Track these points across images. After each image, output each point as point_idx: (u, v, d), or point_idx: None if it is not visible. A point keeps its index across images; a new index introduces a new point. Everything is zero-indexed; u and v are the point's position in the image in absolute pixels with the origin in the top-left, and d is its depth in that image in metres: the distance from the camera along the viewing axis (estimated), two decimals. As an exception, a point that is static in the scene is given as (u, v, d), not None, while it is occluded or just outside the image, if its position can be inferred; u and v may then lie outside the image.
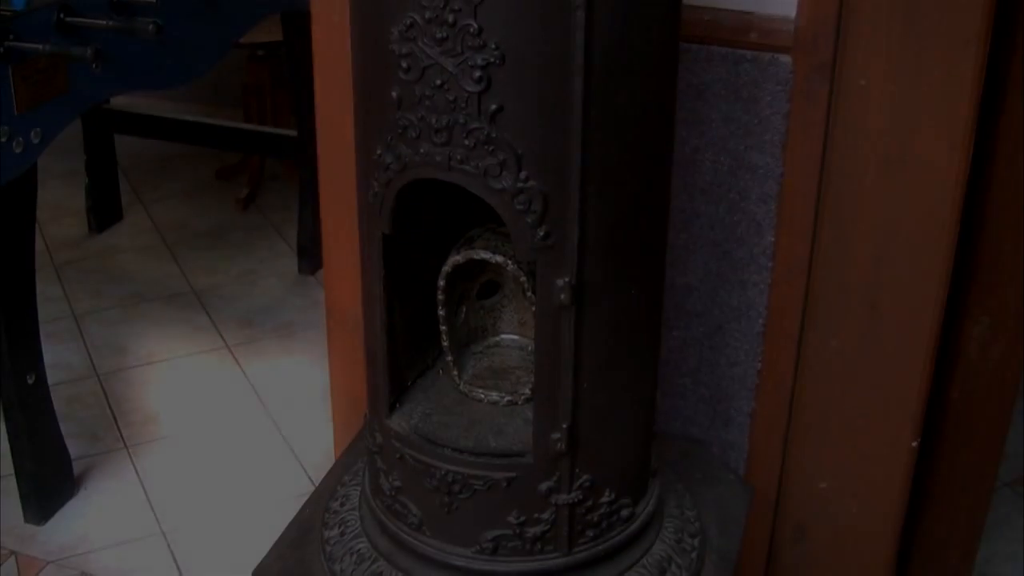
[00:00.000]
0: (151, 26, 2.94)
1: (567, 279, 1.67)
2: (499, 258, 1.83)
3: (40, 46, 2.84)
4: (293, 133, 4.22)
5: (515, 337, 2.11)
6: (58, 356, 3.88)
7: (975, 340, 2.47)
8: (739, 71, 2.22)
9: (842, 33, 2.14)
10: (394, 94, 1.65)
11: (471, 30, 1.56)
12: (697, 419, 2.49)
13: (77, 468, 3.38)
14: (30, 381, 3.14)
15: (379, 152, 1.71)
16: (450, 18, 1.56)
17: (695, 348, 2.43)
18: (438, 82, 1.60)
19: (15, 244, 3.07)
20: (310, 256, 4.26)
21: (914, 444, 2.35)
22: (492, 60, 1.57)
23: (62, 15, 2.95)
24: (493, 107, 1.59)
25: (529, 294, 1.82)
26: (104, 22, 2.99)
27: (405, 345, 1.95)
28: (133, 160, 5.18)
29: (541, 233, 1.65)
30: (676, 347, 2.44)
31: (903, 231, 2.21)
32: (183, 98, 5.12)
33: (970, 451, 2.59)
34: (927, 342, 2.26)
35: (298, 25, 3.94)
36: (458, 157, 1.63)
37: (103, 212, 4.73)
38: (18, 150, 2.88)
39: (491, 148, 1.61)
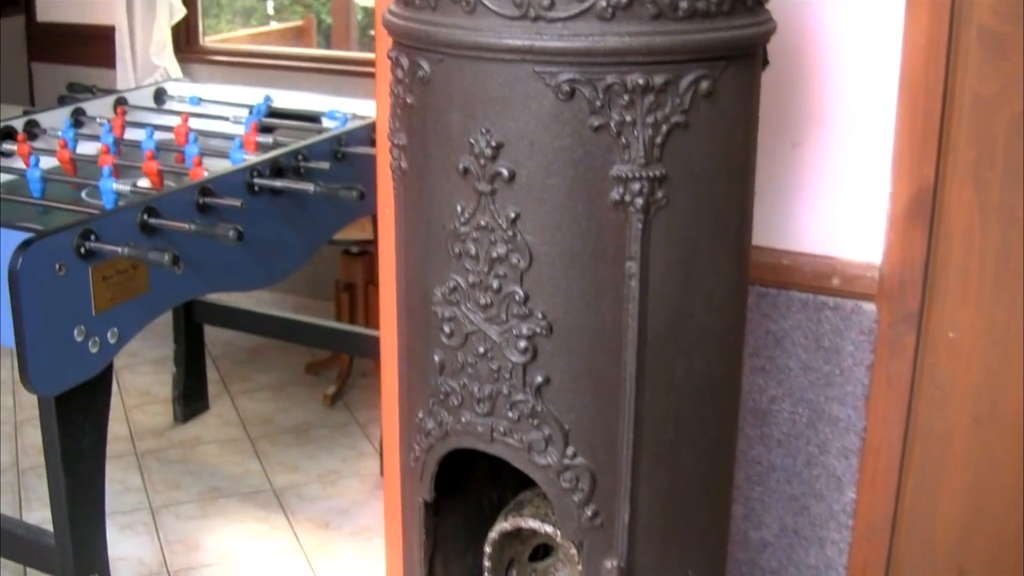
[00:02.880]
0: (232, 232, 2.90)
1: (616, 562, 1.56)
2: (548, 528, 1.72)
3: (120, 249, 2.81)
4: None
5: (571, 600, 2.00)
6: (131, 550, 3.81)
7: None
8: (820, 318, 2.11)
9: (930, 281, 2.04)
10: (436, 358, 1.57)
11: (517, 297, 1.48)
12: None
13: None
14: (93, 582, 3.07)
15: (421, 416, 1.62)
16: (495, 284, 1.49)
17: (770, 606, 2.30)
18: (481, 350, 1.52)
19: (86, 442, 3.02)
20: (396, 458, 4.17)
21: None
22: (539, 330, 1.48)
23: (146, 216, 2.93)
24: (539, 379, 1.50)
25: (580, 567, 1.70)
26: (187, 226, 2.96)
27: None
28: (224, 348, 5.17)
29: (588, 512, 1.55)
30: (750, 605, 2.31)
31: (994, 493, 2.07)
32: (277, 288, 5.12)
33: None
34: (1019, 617, 2.11)
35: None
36: (501, 429, 1.54)
37: (190, 402, 4.70)
38: (94, 350, 2.84)
39: (536, 422, 1.52)
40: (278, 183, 3.26)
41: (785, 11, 1.91)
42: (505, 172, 1.46)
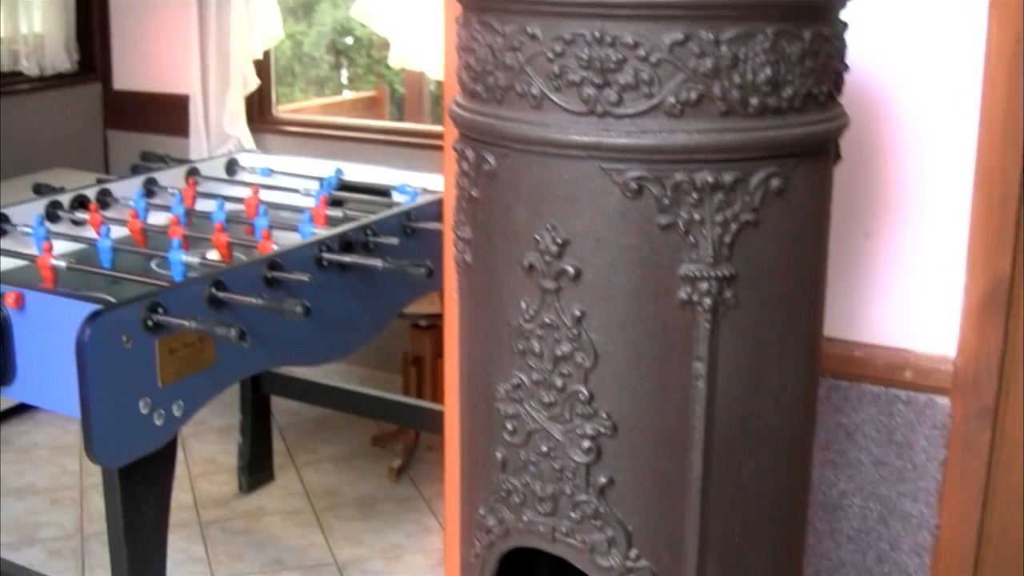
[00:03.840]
0: (299, 308, 2.89)
1: (679, 668, 1.52)
2: (611, 629, 1.69)
3: (187, 323, 2.81)
4: (447, 408, 4.15)
5: None
6: (193, 621, 3.82)
7: None
8: (893, 412, 2.07)
9: (1006, 376, 1.99)
10: (498, 455, 1.54)
11: (581, 396, 1.45)
12: None
13: None
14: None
15: (482, 512, 1.60)
16: (559, 382, 1.46)
17: None
18: (544, 448, 1.49)
19: (149, 513, 3.01)
20: (460, 535, 4.14)
21: None
22: (603, 430, 1.45)
23: (214, 289, 2.93)
24: (603, 480, 1.47)
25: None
26: (254, 300, 2.95)
27: None
28: (290, 418, 5.16)
29: (651, 616, 1.51)
30: None
31: (1073, 597, 2.01)
32: (344, 360, 5.10)
33: None
34: None
35: (456, 302, 3.90)
36: (563, 529, 1.51)
37: (255, 472, 4.69)
38: (159, 422, 2.84)
39: (599, 523, 1.49)
40: (347, 258, 3.25)
41: (857, 99, 1.89)
42: (571, 270, 1.44)
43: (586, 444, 1.46)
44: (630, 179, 1.41)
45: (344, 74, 8.42)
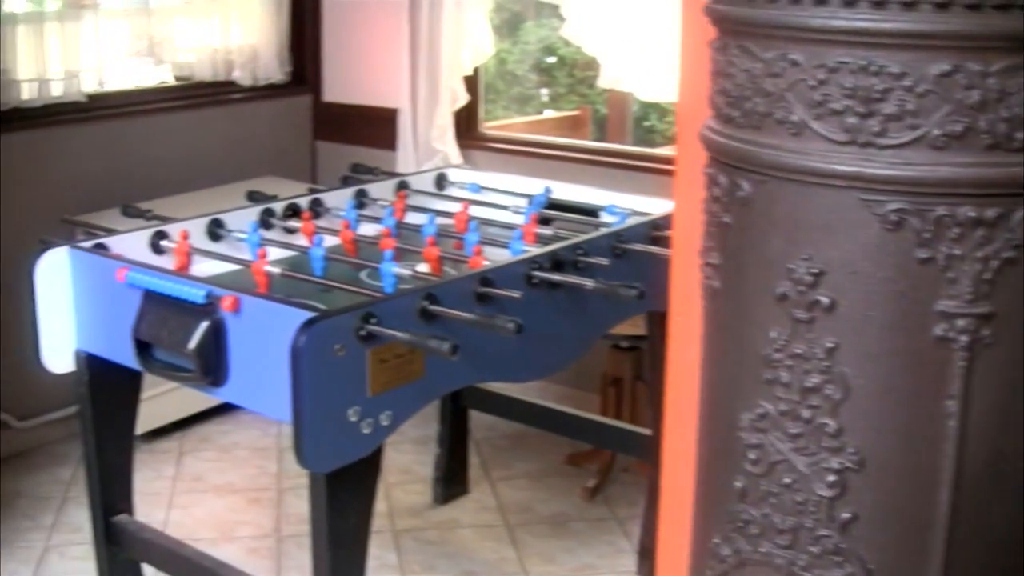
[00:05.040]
0: (512, 325, 2.90)
1: None
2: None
3: (400, 334, 2.84)
4: (647, 431, 4.12)
5: None
6: (384, 633, 3.86)
7: None
8: None
9: None
10: (738, 484, 1.53)
11: (829, 429, 1.43)
12: None
13: None
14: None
15: (716, 541, 1.58)
16: (807, 414, 1.44)
17: None
18: (787, 480, 1.47)
19: (352, 520, 3.04)
20: (652, 560, 4.10)
21: None
22: (849, 464, 1.43)
23: (426, 303, 2.95)
24: (846, 515, 1.44)
25: None
26: (467, 316, 2.97)
27: None
28: (486, 433, 5.19)
29: (887, 658, 1.48)
30: None
31: None
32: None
33: None
34: None
35: (663, 324, 3.87)
36: (801, 563, 1.49)
37: (450, 484, 4.73)
38: (367, 431, 2.87)
39: (839, 559, 1.46)
40: (558, 277, 3.25)
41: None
42: (825, 301, 1.42)
43: (831, 478, 1.44)
44: (890, 211, 1.39)
45: (546, 92, 8.47)
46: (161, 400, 4.83)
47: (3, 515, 4.63)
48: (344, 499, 2.99)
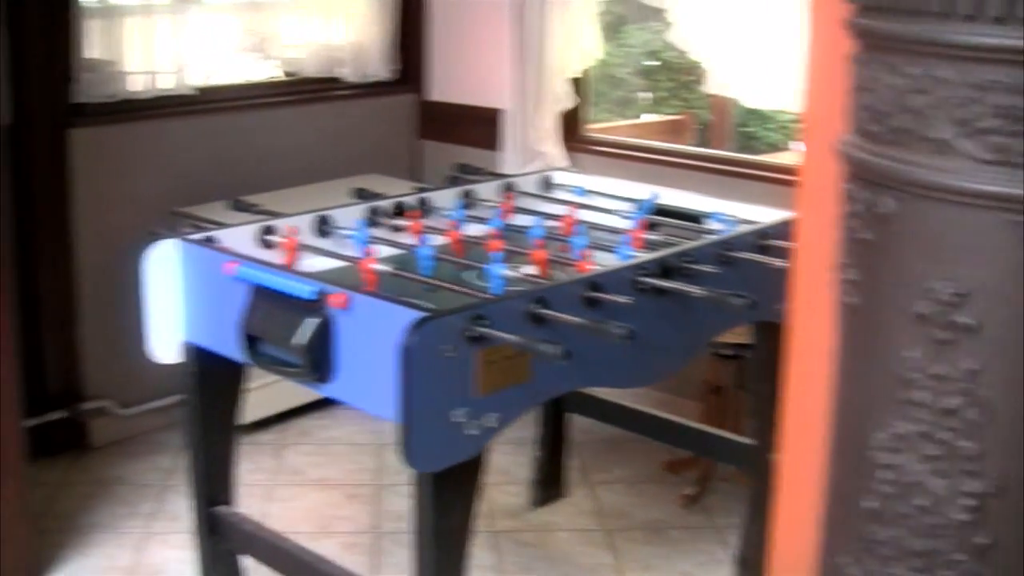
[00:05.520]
0: (623, 331, 2.88)
1: None
2: None
3: (511, 337, 2.83)
4: (749, 441, 4.09)
5: None
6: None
7: None
8: None
9: None
10: (869, 504, 1.50)
11: (967, 453, 1.41)
12: None
13: None
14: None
15: (844, 559, 1.56)
16: (945, 436, 1.42)
17: None
18: (922, 503, 1.45)
19: (456, 520, 3.04)
20: (751, 571, 4.07)
21: None
22: (989, 490, 1.40)
23: (536, 306, 2.94)
24: (983, 541, 1.42)
25: None
26: (578, 320, 2.95)
27: None
28: (585, 437, 5.15)
29: None
30: None
31: None
32: (642, 383, 5.10)
33: None
34: None
35: (771, 335, 3.85)
36: (935, 587, 1.46)
37: (548, 487, 4.72)
38: (474, 432, 2.87)
39: (975, 585, 1.43)
40: (667, 284, 3.23)
41: None
42: (968, 322, 1.40)
43: (969, 502, 1.41)
44: (1039, 234, 1.36)
45: (646, 96, 8.44)
46: (260, 393, 4.87)
47: (103, 501, 4.70)
48: (448, 499, 3.00)
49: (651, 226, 3.84)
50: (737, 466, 4.63)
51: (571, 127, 5.65)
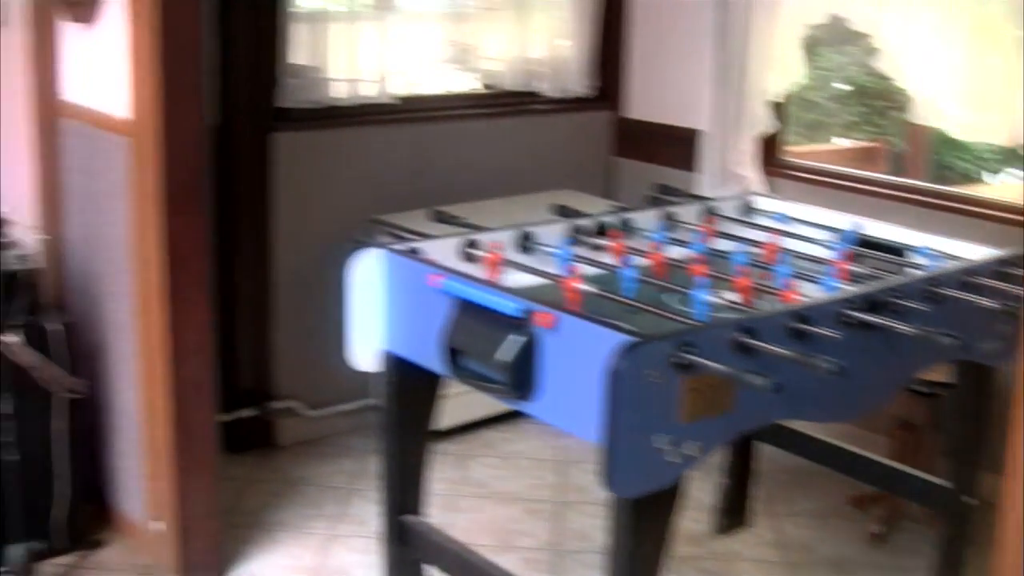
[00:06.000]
0: (833, 366, 2.82)
1: None
2: None
3: (719, 366, 2.79)
4: (943, 482, 4.00)
5: None
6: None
7: None
8: None
9: None
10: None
11: None
12: None
13: None
14: None
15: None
16: None
17: None
18: None
19: (648, 548, 3.00)
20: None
21: None
22: None
23: (742, 335, 2.91)
24: None
25: None
26: (787, 352, 2.90)
27: None
28: (767, 465, 5.05)
29: None
30: None
31: None
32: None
33: None
34: None
35: (974, 375, 3.76)
36: None
37: (732, 516, 4.67)
38: (674, 460, 2.84)
39: None
40: (876, 319, 3.17)
41: None
42: None
43: None
44: None
45: (845, 121, 8.32)
46: (446, 404, 4.90)
47: (289, 500, 4.77)
48: (644, 526, 2.98)
49: (855, 257, 3.78)
50: (928, 507, 4.53)
51: (768, 150, 5.58)
